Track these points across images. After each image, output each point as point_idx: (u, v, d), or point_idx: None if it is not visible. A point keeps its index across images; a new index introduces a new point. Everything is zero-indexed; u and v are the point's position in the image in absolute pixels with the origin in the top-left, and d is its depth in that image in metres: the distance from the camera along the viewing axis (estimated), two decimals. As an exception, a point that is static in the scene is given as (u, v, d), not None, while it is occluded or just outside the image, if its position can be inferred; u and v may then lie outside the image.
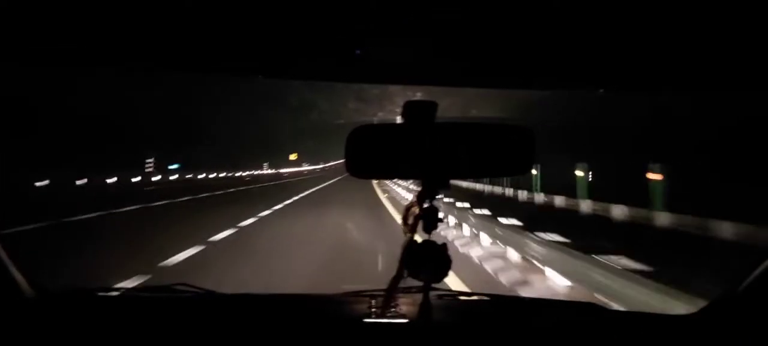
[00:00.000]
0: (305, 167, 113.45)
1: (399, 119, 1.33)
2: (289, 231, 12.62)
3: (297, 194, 25.98)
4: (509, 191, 25.01)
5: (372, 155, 1.32)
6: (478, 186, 28.81)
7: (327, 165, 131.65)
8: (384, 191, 26.92)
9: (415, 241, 1.32)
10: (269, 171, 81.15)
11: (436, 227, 1.32)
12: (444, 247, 1.32)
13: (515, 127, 1.35)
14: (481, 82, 1.90)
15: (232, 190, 32.41)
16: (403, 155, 1.30)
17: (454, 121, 1.35)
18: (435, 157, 1.29)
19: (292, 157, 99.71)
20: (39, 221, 12.60)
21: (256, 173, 72.24)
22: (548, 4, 1.31)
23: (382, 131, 1.34)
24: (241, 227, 12.52)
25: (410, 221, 1.33)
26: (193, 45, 1.48)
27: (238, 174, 61.80)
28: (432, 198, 1.32)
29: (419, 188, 1.34)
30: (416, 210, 1.33)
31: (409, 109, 1.30)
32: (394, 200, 20.93)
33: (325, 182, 42.53)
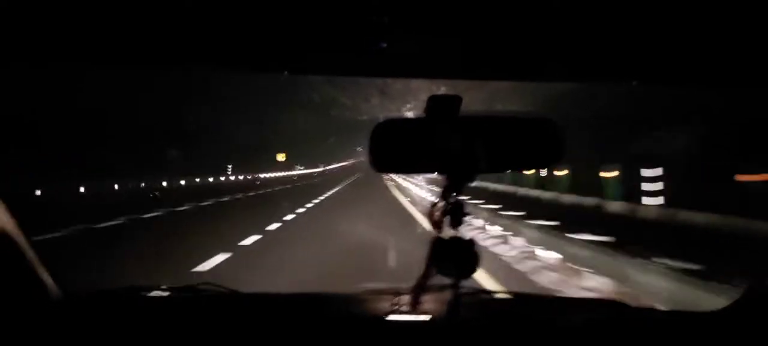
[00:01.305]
0: (297, 171, 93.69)
1: (410, 114, 1.33)
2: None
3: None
4: (534, 192, 23.43)
5: (396, 150, 1.32)
6: (500, 186, 27.40)
7: (328, 168, 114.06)
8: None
9: (442, 238, 1.32)
10: (237, 177, 62.49)
11: (462, 223, 1.31)
12: (472, 242, 1.32)
13: (542, 119, 1.34)
14: (506, 75, 1.88)
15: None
16: (428, 150, 1.30)
17: (479, 115, 1.34)
18: (460, 151, 1.29)
19: (280, 158, 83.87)
20: None
21: (211, 180, 51.66)
22: None
23: (405, 126, 1.34)
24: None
25: (436, 217, 1.33)
26: (218, 42, 1.49)
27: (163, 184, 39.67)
28: (458, 193, 1.31)
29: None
30: (442, 206, 1.32)
31: (433, 103, 1.29)
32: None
33: (304, 205, 20.77)
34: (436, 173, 1.36)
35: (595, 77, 1.82)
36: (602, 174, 18.83)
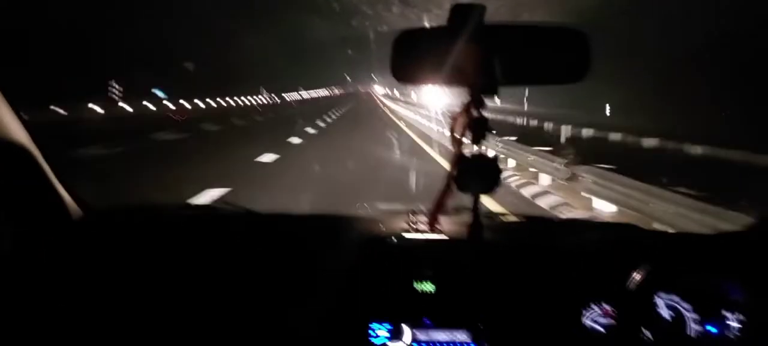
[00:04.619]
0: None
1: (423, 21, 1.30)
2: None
3: None
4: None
5: (418, 60, 1.31)
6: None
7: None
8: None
9: (464, 153, 1.33)
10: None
11: (485, 137, 1.32)
12: (495, 159, 1.32)
13: (568, 29, 1.32)
14: None
15: None
16: (450, 61, 1.28)
17: (504, 25, 1.32)
18: (483, 62, 1.27)
19: None
20: None
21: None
22: None
23: (427, 36, 1.32)
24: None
25: (458, 131, 1.33)
26: None
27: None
28: (480, 107, 1.31)
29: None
30: (464, 120, 1.32)
31: (456, 12, 1.27)
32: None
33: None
34: (458, 85, 1.35)
35: None
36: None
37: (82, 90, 27.69)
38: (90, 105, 28.30)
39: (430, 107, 23.77)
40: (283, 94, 73.34)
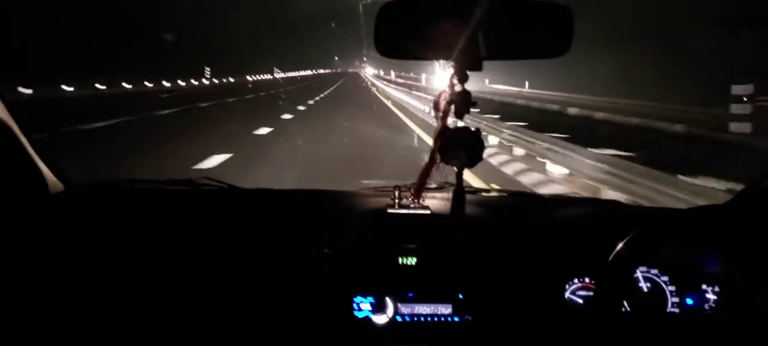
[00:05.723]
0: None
1: None
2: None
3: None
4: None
5: (402, 34, 1.32)
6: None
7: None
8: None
9: (448, 126, 1.35)
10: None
11: (468, 111, 1.33)
12: (477, 132, 1.34)
13: (553, 4, 1.33)
14: None
15: None
16: (434, 34, 1.29)
17: None
18: (467, 36, 1.28)
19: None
20: None
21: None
22: None
23: (412, 9, 1.33)
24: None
25: (442, 105, 1.35)
26: None
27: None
28: (464, 81, 1.32)
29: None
30: (448, 94, 1.34)
31: None
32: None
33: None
34: (443, 59, 1.36)
35: None
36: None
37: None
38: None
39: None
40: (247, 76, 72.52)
